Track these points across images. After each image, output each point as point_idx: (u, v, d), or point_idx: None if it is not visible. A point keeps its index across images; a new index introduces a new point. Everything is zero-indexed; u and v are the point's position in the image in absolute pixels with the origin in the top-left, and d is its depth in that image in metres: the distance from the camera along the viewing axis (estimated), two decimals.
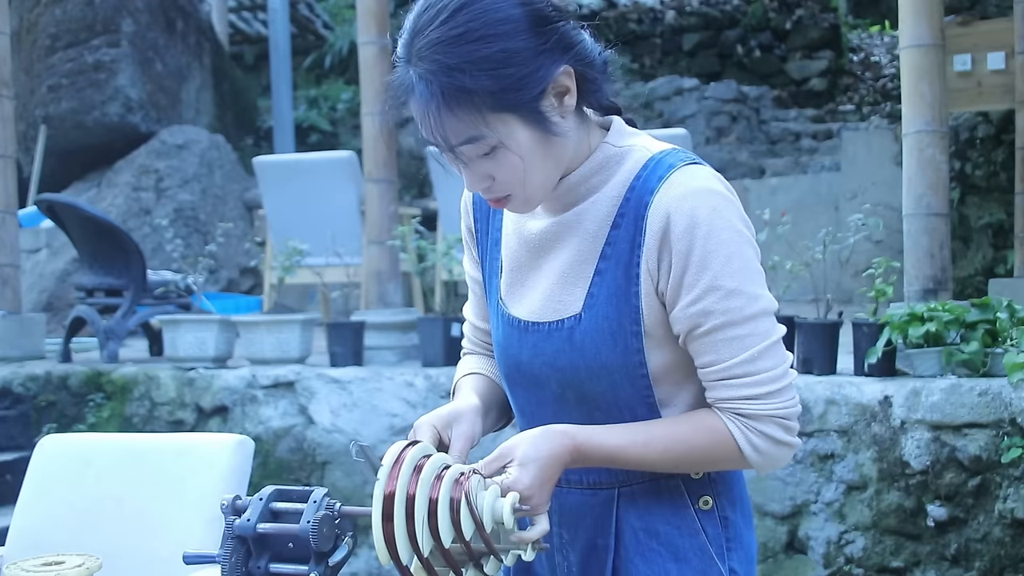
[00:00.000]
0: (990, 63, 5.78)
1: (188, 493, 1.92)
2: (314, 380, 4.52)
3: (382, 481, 1.22)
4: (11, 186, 5.55)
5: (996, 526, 3.33)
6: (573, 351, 1.41)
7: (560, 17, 1.35)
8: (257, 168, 6.51)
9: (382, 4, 5.25)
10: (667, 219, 1.35)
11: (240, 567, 1.25)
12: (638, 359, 1.40)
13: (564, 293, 1.43)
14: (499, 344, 1.51)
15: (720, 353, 1.36)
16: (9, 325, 5.36)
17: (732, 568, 1.48)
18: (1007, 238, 6.54)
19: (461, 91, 1.28)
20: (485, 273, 1.57)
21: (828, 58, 10.75)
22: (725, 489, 1.49)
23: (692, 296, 1.35)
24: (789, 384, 1.39)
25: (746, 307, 1.36)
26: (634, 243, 1.38)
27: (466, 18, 1.29)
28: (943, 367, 3.50)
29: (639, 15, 11.43)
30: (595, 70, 1.40)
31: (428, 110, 1.30)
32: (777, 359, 1.38)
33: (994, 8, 7.48)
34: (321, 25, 12.08)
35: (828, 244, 3.84)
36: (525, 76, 1.30)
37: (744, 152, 9.37)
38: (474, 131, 1.31)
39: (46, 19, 8.54)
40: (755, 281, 1.37)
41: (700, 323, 1.36)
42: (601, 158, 1.42)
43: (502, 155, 1.34)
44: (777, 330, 1.39)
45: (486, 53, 1.29)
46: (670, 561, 1.45)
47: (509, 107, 1.31)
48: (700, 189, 1.36)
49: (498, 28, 1.29)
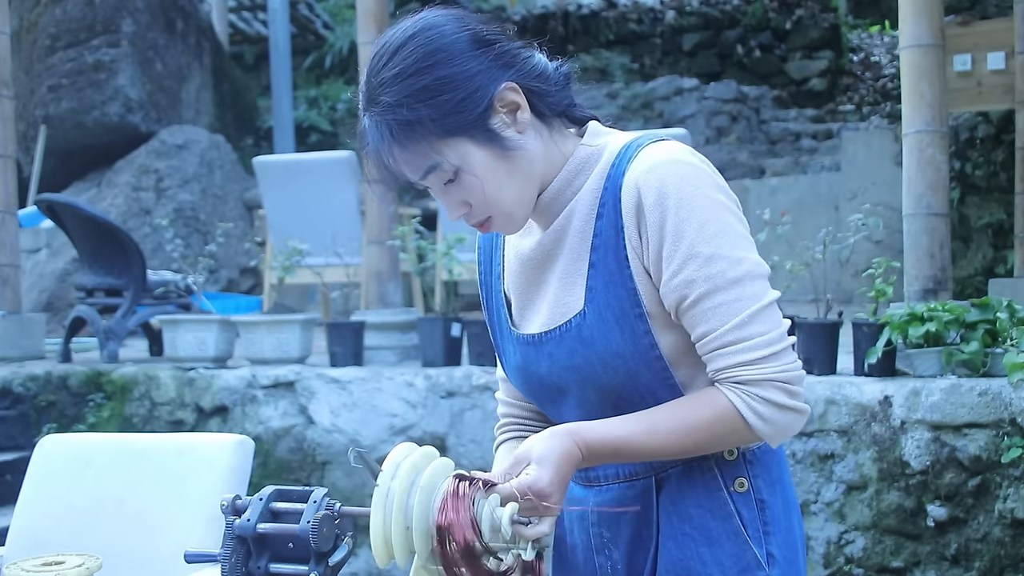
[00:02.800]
0: (990, 63, 5.77)
1: (188, 493, 1.92)
2: (314, 380, 4.52)
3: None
4: (11, 186, 5.55)
5: (996, 526, 3.33)
6: (584, 347, 1.42)
7: (497, 38, 1.40)
8: (257, 168, 6.51)
9: (382, 4, 5.25)
10: (638, 193, 1.37)
11: (240, 567, 1.25)
12: (648, 341, 1.40)
13: (566, 295, 1.45)
14: (519, 368, 1.52)
15: (710, 322, 1.35)
16: (9, 325, 5.36)
17: (770, 552, 1.45)
18: (1007, 238, 6.54)
19: (407, 125, 1.35)
20: (488, 312, 1.59)
21: (828, 58, 10.75)
22: (763, 471, 1.47)
23: (673, 268, 1.36)
24: (787, 347, 1.36)
25: (728, 271, 1.34)
26: (616, 227, 1.40)
27: (401, 56, 1.36)
28: (943, 367, 3.49)
29: (639, 15, 11.43)
30: (547, 83, 1.43)
31: (382, 150, 1.38)
32: (771, 322, 1.36)
33: (994, 8, 7.47)
34: (321, 25, 12.08)
35: (828, 244, 3.84)
36: (464, 99, 1.36)
37: (744, 152, 9.36)
38: (430, 161, 1.37)
39: (46, 19, 8.54)
40: (737, 245, 1.36)
41: (686, 294, 1.36)
42: (579, 159, 1.45)
43: (465, 179, 1.38)
44: (768, 293, 1.37)
45: (422, 84, 1.35)
46: (703, 545, 1.44)
47: (456, 131, 1.36)
48: (666, 160, 1.38)
49: (432, 59, 1.35)
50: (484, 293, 1.60)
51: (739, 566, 1.44)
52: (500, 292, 1.56)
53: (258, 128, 10.43)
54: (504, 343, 1.56)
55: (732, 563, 1.44)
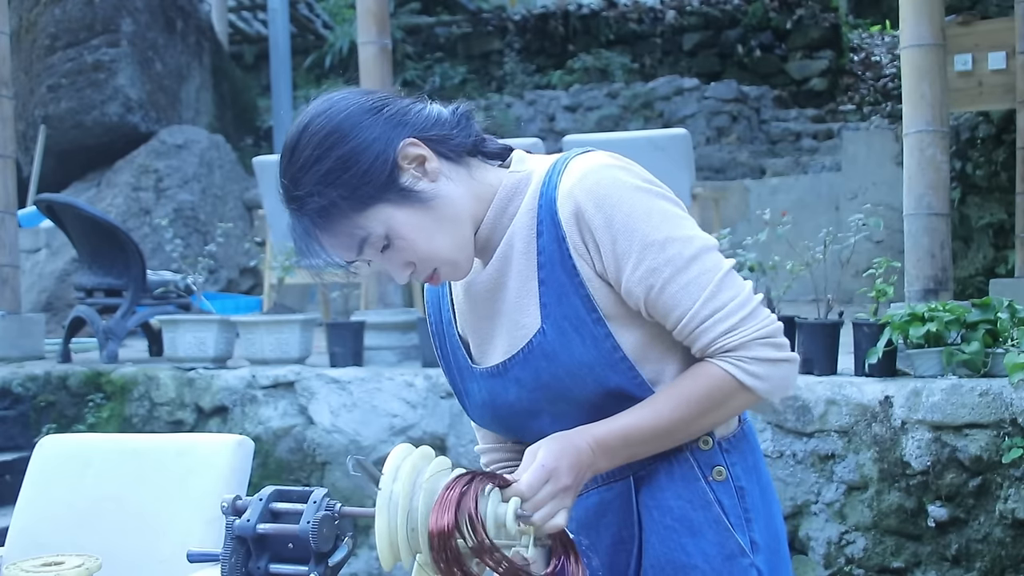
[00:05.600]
0: (991, 63, 5.78)
1: (188, 493, 1.92)
2: (314, 380, 4.51)
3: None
4: (11, 186, 5.55)
5: (997, 526, 3.33)
6: (550, 363, 1.44)
7: (384, 102, 1.43)
8: (257, 168, 6.50)
9: (382, 4, 5.25)
10: (575, 202, 1.41)
11: (240, 567, 1.24)
12: (610, 344, 1.42)
13: (521, 317, 1.47)
14: (485, 403, 1.54)
15: (682, 304, 1.39)
16: (9, 325, 5.36)
17: (753, 540, 1.48)
18: (1008, 238, 6.54)
19: (323, 211, 1.39)
20: (444, 360, 1.61)
21: (829, 58, 10.75)
22: (740, 458, 1.50)
23: (633, 261, 1.39)
24: (758, 305, 1.41)
25: (684, 250, 1.39)
26: (558, 239, 1.42)
27: (300, 149, 1.40)
28: (944, 367, 3.49)
29: (639, 15, 11.42)
30: (446, 127, 1.45)
31: (310, 240, 1.40)
32: (736, 286, 1.41)
33: (995, 8, 7.48)
34: (321, 25, 12.09)
35: (828, 244, 3.83)
36: (367, 168, 1.39)
37: (744, 152, 9.36)
38: (357, 237, 1.40)
39: (45, 19, 8.53)
40: (682, 226, 1.41)
41: (652, 283, 1.39)
42: (509, 187, 1.48)
43: (397, 243, 1.41)
44: (724, 262, 1.42)
45: (326, 168, 1.38)
46: (686, 536, 1.46)
47: (371, 200, 1.39)
48: (594, 166, 1.42)
49: (327, 142, 1.39)
50: (438, 343, 1.61)
51: (723, 554, 1.46)
52: (455, 336, 1.57)
53: (258, 128, 10.43)
54: (467, 384, 1.57)
55: (716, 552, 1.46)
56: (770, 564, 1.49)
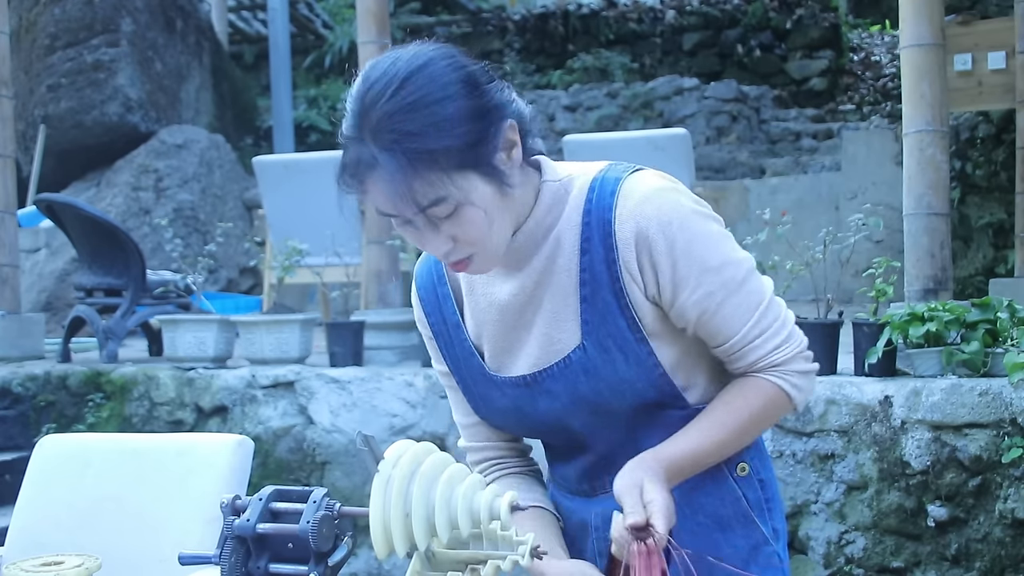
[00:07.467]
0: (990, 62, 5.78)
1: (188, 493, 1.92)
2: (314, 380, 4.51)
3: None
4: (10, 186, 5.55)
5: (997, 526, 3.33)
6: (590, 378, 1.46)
7: (494, 77, 1.40)
8: (257, 168, 6.50)
9: (382, 4, 5.25)
10: (636, 228, 1.42)
11: (239, 567, 1.24)
12: (652, 361, 1.46)
13: (558, 332, 1.48)
14: (510, 409, 1.55)
15: (733, 325, 1.45)
16: (8, 325, 5.36)
17: (775, 528, 1.57)
18: (1008, 238, 6.54)
19: (426, 154, 1.30)
20: (453, 363, 1.60)
21: (828, 58, 10.75)
22: (757, 452, 1.57)
23: (692, 284, 1.42)
24: (794, 322, 1.51)
25: (736, 273, 1.45)
26: (608, 261, 1.43)
27: (415, 87, 1.31)
28: (943, 367, 3.49)
29: (639, 14, 11.43)
30: (528, 123, 1.45)
31: (395, 179, 1.31)
32: (778, 306, 1.50)
33: (994, 7, 7.48)
34: (321, 25, 12.08)
35: (828, 244, 3.83)
36: (481, 132, 1.34)
37: (744, 152, 9.36)
38: (441, 191, 1.32)
39: (45, 19, 8.53)
40: (732, 248, 1.47)
41: (707, 306, 1.43)
42: (549, 196, 1.47)
43: (465, 213, 1.35)
44: (765, 281, 1.49)
45: (443, 115, 1.31)
46: (716, 531, 1.53)
47: (471, 164, 1.34)
48: (655, 189, 1.43)
49: (448, 90, 1.32)
50: (442, 344, 1.59)
51: (750, 544, 1.54)
52: (465, 341, 1.56)
53: (258, 128, 10.43)
54: (483, 389, 1.56)
55: (743, 543, 1.54)
56: (785, 551, 1.59)
